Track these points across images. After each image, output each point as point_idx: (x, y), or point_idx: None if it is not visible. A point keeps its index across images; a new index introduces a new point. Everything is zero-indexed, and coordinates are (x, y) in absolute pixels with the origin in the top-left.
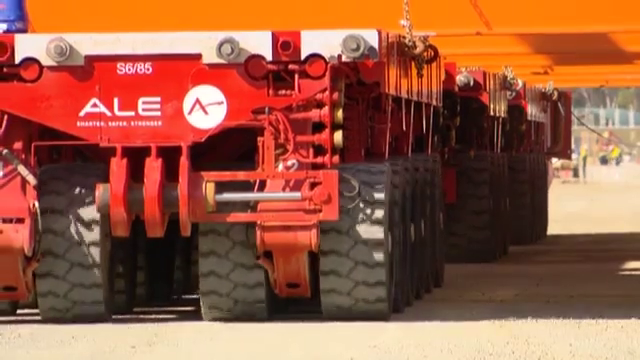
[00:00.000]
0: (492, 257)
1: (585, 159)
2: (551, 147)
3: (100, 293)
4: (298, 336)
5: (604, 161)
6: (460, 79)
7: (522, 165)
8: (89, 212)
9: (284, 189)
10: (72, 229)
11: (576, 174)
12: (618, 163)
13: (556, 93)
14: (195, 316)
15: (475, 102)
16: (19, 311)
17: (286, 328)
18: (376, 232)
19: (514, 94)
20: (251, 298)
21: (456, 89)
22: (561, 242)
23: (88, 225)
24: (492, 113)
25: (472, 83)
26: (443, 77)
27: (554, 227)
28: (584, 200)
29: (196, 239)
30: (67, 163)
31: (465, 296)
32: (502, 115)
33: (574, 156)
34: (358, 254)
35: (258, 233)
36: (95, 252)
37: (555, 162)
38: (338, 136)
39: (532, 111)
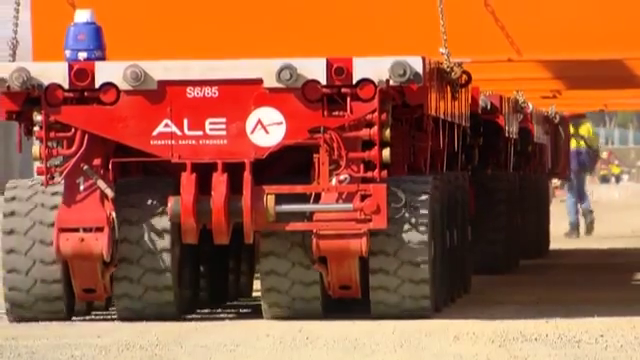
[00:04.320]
0: (506, 269)
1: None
2: (552, 168)
3: (170, 286)
4: (295, 352)
5: (605, 180)
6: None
7: (529, 184)
8: (161, 221)
9: (337, 201)
10: (146, 237)
11: None
12: (618, 181)
13: (558, 117)
14: (221, 323)
15: (492, 124)
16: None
17: (289, 342)
18: (421, 240)
19: (522, 117)
20: (307, 300)
21: (479, 111)
22: (563, 256)
23: (160, 233)
24: (506, 135)
25: (489, 106)
26: (470, 100)
27: (554, 244)
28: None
29: (247, 252)
30: (139, 178)
31: (466, 314)
32: (514, 137)
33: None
34: (405, 261)
35: (314, 241)
36: (166, 257)
37: (555, 181)
38: (386, 153)
39: (537, 133)
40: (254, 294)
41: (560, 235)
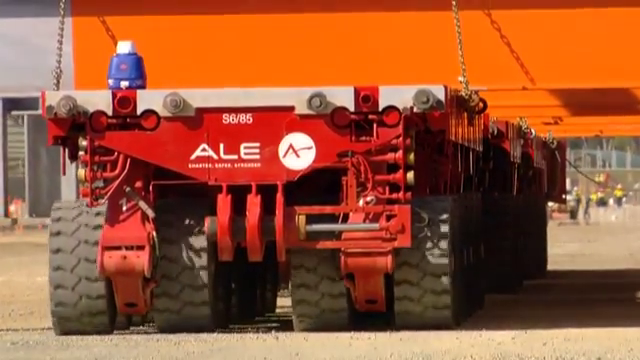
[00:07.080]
0: (511, 289)
1: (588, 202)
2: (548, 191)
3: (206, 301)
4: None
5: (602, 203)
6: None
7: (529, 207)
8: (199, 240)
9: (364, 221)
10: (184, 255)
11: (573, 216)
12: (621, 203)
13: (555, 142)
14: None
15: (499, 149)
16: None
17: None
18: (442, 256)
19: (522, 142)
20: (336, 313)
21: (489, 137)
22: (561, 277)
23: (197, 251)
24: (512, 159)
25: (496, 132)
26: (483, 126)
27: (551, 266)
28: (581, 242)
29: (273, 270)
30: (178, 199)
31: (462, 337)
32: (518, 161)
33: (569, 197)
34: (427, 279)
35: (342, 258)
36: (203, 274)
37: (552, 205)
38: (410, 175)
39: (536, 158)
40: (277, 310)
41: (556, 256)
